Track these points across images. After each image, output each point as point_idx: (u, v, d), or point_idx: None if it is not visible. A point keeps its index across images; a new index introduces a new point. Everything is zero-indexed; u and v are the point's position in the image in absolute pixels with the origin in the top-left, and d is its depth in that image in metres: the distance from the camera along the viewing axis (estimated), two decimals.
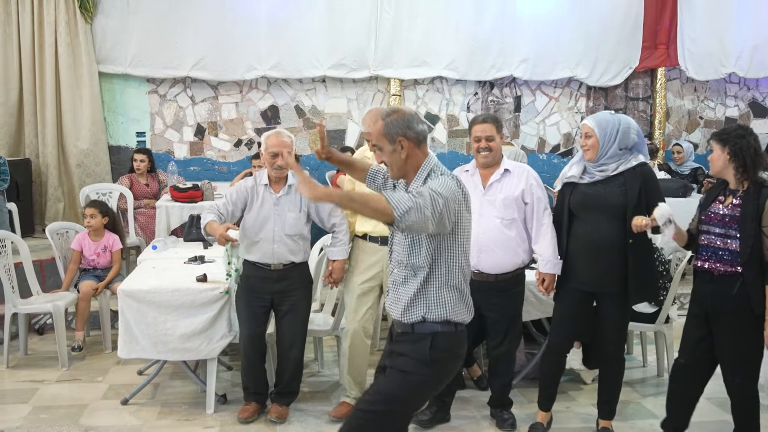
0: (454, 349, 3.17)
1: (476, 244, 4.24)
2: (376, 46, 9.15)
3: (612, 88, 9.94)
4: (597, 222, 4.23)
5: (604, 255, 4.21)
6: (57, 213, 8.65)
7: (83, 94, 8.64)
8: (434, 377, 3.14)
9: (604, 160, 4.23)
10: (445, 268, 3.10)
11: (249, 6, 8.88)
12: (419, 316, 3.10)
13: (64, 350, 5.68)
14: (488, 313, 4.51)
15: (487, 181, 4.47)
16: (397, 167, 3.13)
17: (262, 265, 4.65)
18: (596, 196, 4.24)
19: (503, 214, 4.40)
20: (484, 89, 9.68)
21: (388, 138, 3.09)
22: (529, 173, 4.49)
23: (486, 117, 4.48)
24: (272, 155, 4.56)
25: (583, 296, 4.36)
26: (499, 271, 4.43)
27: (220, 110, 9.21)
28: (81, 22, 8.54)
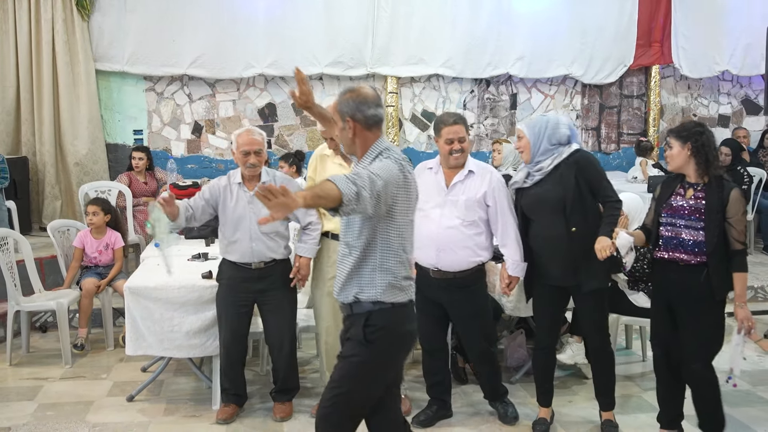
0: (391, 327, 3.17)
1: (436, 242, 4.35)
2: (373, 43, 9.19)
3: (607, 86, 10.02)
4: (546, 220, 4.32)
5: (558, 250, 4.30)
6: (54, 211, 8.65)
7: (80, 92, 8.64)
8: (376, 357, 3.16)
9: (537, 158, 4.33)
10: (379, 250, 3.12)
11: (246, 4, 8.92)
12: (353, 296, 3.16)
13: (67, 348, 5.69)
14: (452, 310, 4.54)
15: (450, 181, 4.43)
16: (345, 144, 3.21)
17: (242, 265, 4.60)
18: (539, 196, 4.33)
19: (464, 215, 4.39)
20: (480, 87, 9.74)
21: (339, 115, 3.15)
22: (492, 175, 4.46)
23: (456, 118, 4.40)
24: (244, 153, 4.54)
25: (554, 291, 4.44)
26: (458, 269, 4.43)
27: (217, 108, 9.23)
28: (78, 19, 8.54)
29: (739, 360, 4.10)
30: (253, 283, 4.59)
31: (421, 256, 4.44)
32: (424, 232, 4.36)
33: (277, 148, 9.33)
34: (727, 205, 3.94)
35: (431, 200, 4.42)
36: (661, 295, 4.24)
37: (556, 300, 4.49)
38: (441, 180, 4.46)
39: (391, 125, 9.34)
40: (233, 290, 4.61)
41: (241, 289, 4.60)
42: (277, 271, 4.67)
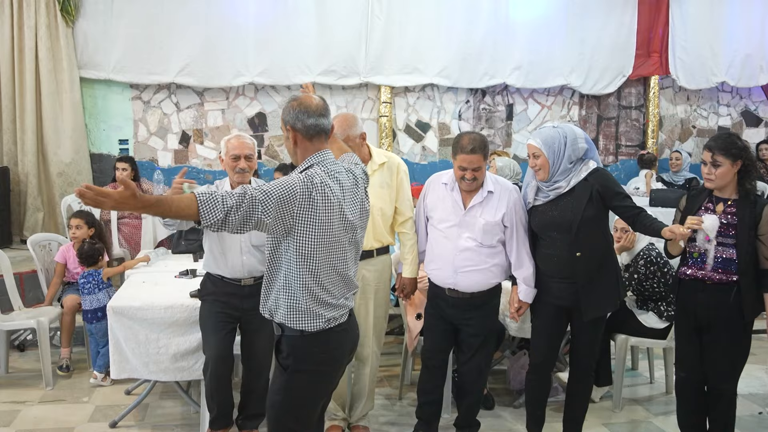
0: (300, 354, 3.02)
1: (453, 264, 4.19)
2: (366, 52, 8.95)
3: (605, 97, 9.83)
4: (554, 240, 4.14)
5: (563, 271, 4.12)
6: (36, 223, 8.33)
7: (64, 100, 8.34)
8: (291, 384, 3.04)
9: (556, 177, 4.12)
10: (284, 271, 2.98)
11: (237, 11, 8.64)
12: (267, 313, 3.09)
13: (48, 368, 5.39)
14: (463, 327, 4.35)
15: (468, 202, 4.22)
16: (289, 152, 3.13)
17: (231, 281, 4.30)
18: (549, 217, 4.15)
19: (483, 239, 4.19)
20: (476, 97, 9.52)
21: (282, 122, 3.08)
22: (511, 194, 4.23)
23: (474, 146, 4.06)
24: (234, 158, 4.30)
25: (557, 311, 4.24)
26: (476, 290, 4.26)
27: (205, 117, 8.95)
28: (62, 25, 8.24)
29: None
30: (242, 300, 4.28)
31: (438, 276, 4.31)
32: (440, 252, 4.28)
33: (267, 158, 9.07)
34: (760, 221, 3.80)
35: (448, 219, 4.27)
36: (687, 316, 4.06)
37: (557, 319, 4.29)
38: (458, 199, 4.25)
39: (385, 135, 9.10)
40: (219, 307, 4.29)
41: (228, 306, 4.28)
42: None
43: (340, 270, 3.05)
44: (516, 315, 4.32)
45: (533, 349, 4.44)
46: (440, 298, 4.33)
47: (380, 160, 4.41)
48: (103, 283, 5.49)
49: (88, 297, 5.43)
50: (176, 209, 2.73)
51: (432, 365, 4.46)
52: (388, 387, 5.57)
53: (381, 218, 4.42)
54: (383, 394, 5.42)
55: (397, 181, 4.46)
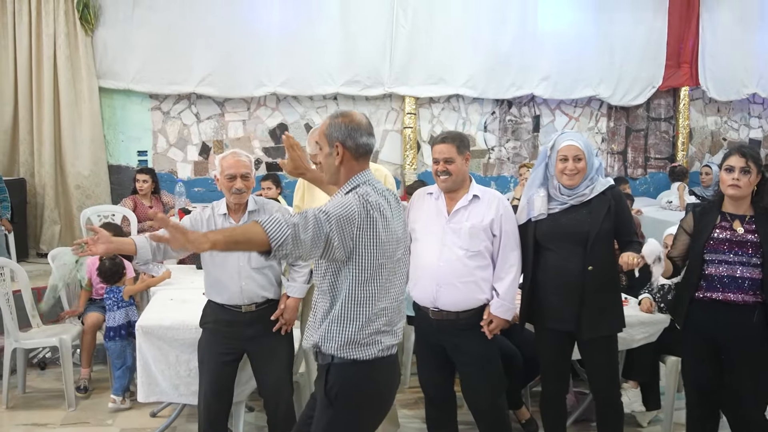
0: (352, 385, 2.86)
1: (435, 277, 3.82)
2: (391, 62, 8.76)
3: (634, 108, 9.62)
4: (564, 251, 3.86)
5: (569, 285, 3.84)
6: (53, 236, 8.15)
7: (83, 110, 8.16)
8: (342, 419, 2.85)
9: (583, 183, 3.86)
10: (341, 299, 2.82)
11: (259, 20, 8.47)
12: (312, 346, 2.92)
13: (71, 389, 5.14)
14: (456, 356, 3.98)
15: (452, 207, 3.91)
16: (328, 171, 2.91)
17: (230, 308, 3.96)
18: (567, 225, 3.86)
19: (468, 245, 3.84)
20: (501, 108, 9.30)
21: (328, 139, 2.88)
22: (500, 201, 3.94)
23: (445, 136, 3.91)
24: (229, 178, 3.91)
25: (560, 337, 3.96)
26: (461, 308, 3.87)
27: (226, 128, 8.76)
28: (81, 34, 8.08)
29: None
30: (243, 328, 3.95)
31: (418, 294, 3.95)
32: (421, 265, 3.92)
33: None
34: None
35: (430, 228, 3.92)
36: (701, 337, 3.85)
37: (561, 346, 4.01)
38: (442, 206, 3.94)
39: (409, 147, 8.88)
40: (218, 336, 3.97)
41: (228, 334, 3.95)
42: (270, 313, 4.04)
43: (395, 294, 2.92)
44: (488, 331, 3.89)
45: (542, 379, 4.18)
46: (426, 322, 3.97)
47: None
48: (123, 301, 5.20)
49: (109, 314, 5.19)
50: (243, 238, 2.53)
51: (435, 398, 4.14)
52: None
53: None
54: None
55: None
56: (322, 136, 2.90)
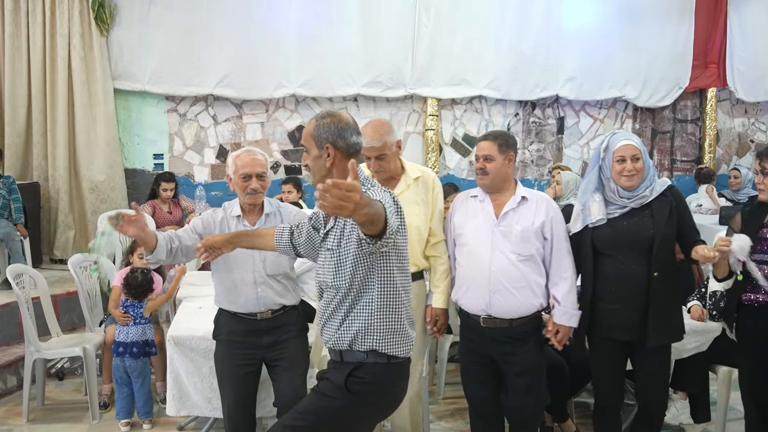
0: (380, 383, 2.83)
1: (487, 283, 3.66)
2: (413, 62, 8.53)
3: (660, 110, 9.39)
4: (627, 258, 3.67)
5: (633, 294, 3.65)
6: (67, 242, 7.93)
7: (97, 112, 7.94)
8: (352, 406, 2.82)
9: (643, 184, 3.68)
10: (376, 290, 2.77)
11: (278, 20, 8.24)
12: (345, 344, 2.82)
13: (95, 400, 4.94)
14: (505, 366, 3.79)
15: (500, 210, 3.73)
16: (319, 174, 2.85)
17: (245, 316, 3.74)
18: (629, 230, 3.67)
19: (520, 249, 3.66)
20: (525, 110, 9.08)
21: (316, 141, 2.83)
22: (549, 204, 3.77)
23: (488, 133, 3.83)
24: (244, 177, 3.72)
25: (617, 345, 3.77)
26: (515, 315, 3.69)
27: (244, 131, 8.53)
28: (96, 34, 7.86)
29: None
30: (260, 336, 3.74)
31: (469, 301, 3.77)
32: (470, 272, 3.74)
33: (308, 174, 8.61)
34: None
35: (478, 233, 3.74)
36: (757, 344, 3.70)
37: (618, 355, 3.81)
38: (489, 209, 3.76)
39: (431, 150, 8.65)
40: (235, 348, 3.73)
41: (246, 345, 3.73)
42: (289, 319, 3.83)
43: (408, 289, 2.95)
44: (557, 341, 3.74)
45: (596, 390, 3.97)
46: (475, 332, 3.78)
47: (414, 174, 3.92)
48: (142, 317, 4.90)
49: (122, 327, 4.81)
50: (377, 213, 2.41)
51: (485, 413, 3.93)
52: (460, 420, 5.09)
53: (417, 239, 3.89)
54: (456, 429, 4.96)
55: (433, 198, 3.96)
56: (309, 139, 2.85)
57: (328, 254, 2.82)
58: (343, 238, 2.76)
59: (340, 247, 2.78)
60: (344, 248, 2.76)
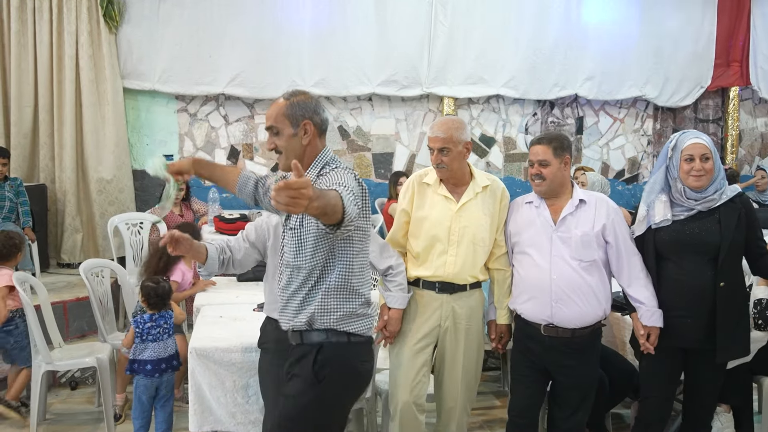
0: (344, 363, 2.85)
1: (549, 292, 3.53)
2: (429, 61, 8.31)
3: (681, 109, 9.16)
4: (691, 265, 3.49)
5: (698, 303, 3.46)
6: (75, 246, 7.70)
7: (106, 112, 7.71)
8: (324, 395, 2.81)
9: (712, 186, 3.48)
10: (337, 270, 2.80)
11: (292, 16, 8.02)
12: (303, 324, 2.83)
13: (110, 412, 4.71)
14: (560, 378, 3.64)
15: (558, 215, 3.59)
16: (294, 154, 2.80)
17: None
18: (694, 234, 3.49)
19: (582, 255, 3.52)
20: (543, 109, 8.86)
21: (291, 120, 2.81)
22: (609, 205, 3.62)
23: (542, 136, 3.65)
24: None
25: (675, 354, 3.59)
26: (579, 325, 3.54)
27: (256, 131, 8.30)
28: (105, 32, 7.63)
29: None
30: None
31: (531, 310, 3.61)
32: (532, 282, 3.59)
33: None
34: None
35: (537, 240, 3.60)
36: None
37: (675, 363, 3.63)
38: (546, 214, 3.61)
39: None
40: (279, 357, 3.39)
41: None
42: None
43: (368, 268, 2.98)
44: (649, 345, 3.54)
45: (645, 403, 3.76)
46: (533, 340, 3.63)
47: (483, 183, 3.75)
48: (174, 327, 4.55)
49: (153, 345, 4.36)
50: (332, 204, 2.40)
51: (524, 423, 3.75)
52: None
53: (481, 249, 3.73)
54: None
55: (500, 209, 3.79)
56: (282, 119, 2.81)
57: (291, 233, 2.81)
58: (305, 218, 2.74)
59: (302, 227, 2.76)
60: (306, 228, 2.75)
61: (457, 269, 3.68)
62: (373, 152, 8.50)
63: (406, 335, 3.77)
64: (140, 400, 4.26)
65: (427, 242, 3.70)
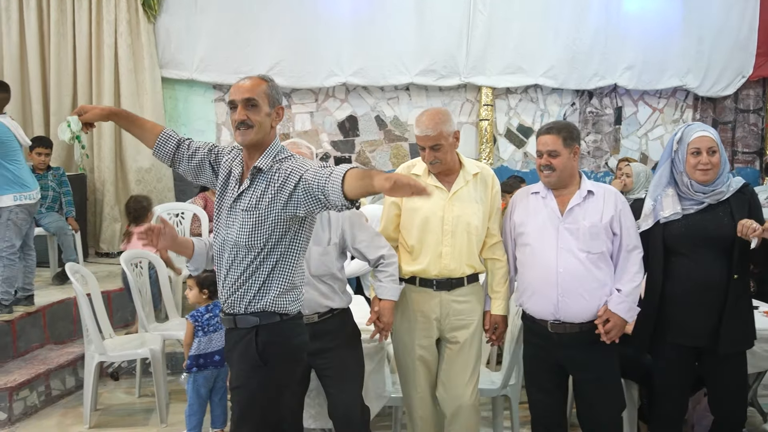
0: (284, 341, 2.87)
1: (555, 285, 3.41)
2: (468, 50, 8.23)
3: (721, 99, 9.01)
4: (704, 257, 3.41)
5: (709, 297, 3.39)
6: (113, 235, 7.72)
7: (145, 101, 7.72)
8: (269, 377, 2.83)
9: (720, 180, 3.43)
10: (282, 252, 2.82)
11: (331, 5, 7.99)
12: (243, 307, 2.84)
13: (163, 403, 4.73)
14: (576, 374, 3.54)
15: (565, 206, 3.48)
16: (263, 133, 2.85)
17: None
18: (704, 227, 3.42)
19: (589, 247, 3.40)
20: (582, 99, 8.75)
21: (269, 100, 2.89)
22: (617, 197, 3.50)
23: (551, 126, 3.53)
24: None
25: (688, 352, 3.51)
26: (586, 319, 3.42)
27: (293, 121, 8.28)
28: (143, 21, 7.64)
29: None
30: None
31: (535, 306, 3.51)
32: (535, 275, 3.49)
33: (358, 165, 8.37)
34: None
35: (542, 232, 3.49)
36: None
37: (687, 362, 3.55)
38: (553, 206, 3.50)
39: (485, 141, 8.37)
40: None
41: None
42: (336, 325, 3.59)
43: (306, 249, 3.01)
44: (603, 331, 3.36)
45: (659, 400, 3.67)
46: (540, 337, 3.53)
47: (473, 171, 3.66)
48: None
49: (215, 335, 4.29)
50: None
51: (549, 423, 3.64)
52: None
53: (476, 239, 3.65)
54: None
55: (492, 196, 3.71)
56: (263, 96, 2.86)
57: (244, 214, 2.81)
58: (263, 200, 2.77)
59: (258, 209, 2.78)
60: (264, 209, 2.77)
61: (453, 260, 3.60)
62: (410, 142, 8.44)
63: (410, 339, 3.69)
64: (199, 395, 4.24)
65: (420, 234, 3.62)
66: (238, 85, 2.91)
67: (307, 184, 2.65)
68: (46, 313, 5.60)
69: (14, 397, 4.79)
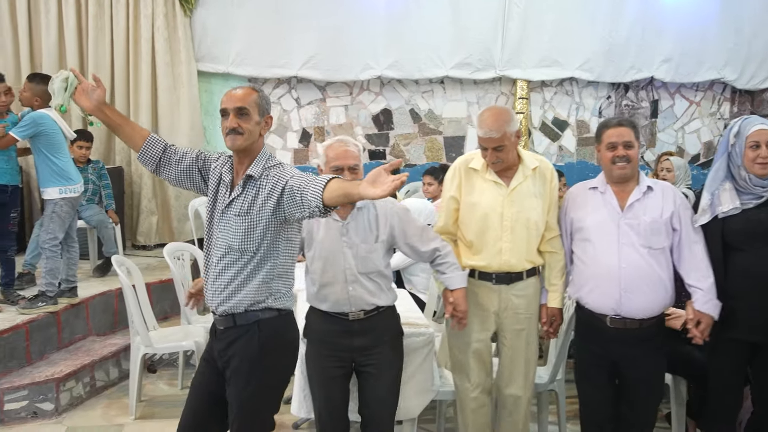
0: (282, 335, 3.02)
1: (618, 281, 3.37)
2: (503, 43, 8.20)
3: (759, 92, 8.93)
4: (765, 253, 3.35)
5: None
6: (150, 228, 7.78)
7: (181, 95, 7.76)
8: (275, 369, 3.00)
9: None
10: (279, 254, 2.94)
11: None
12: (244, 307, 2.93)
13: None
14: (628, 371, 3.48)
15: (625, 201, 3.43)
16: (252, 140, 2.94)
17: (336, 315, 3.46)
18: (764, 222, 3.35)
19: (651, 242, 3.36)
20: (617, 92, 8.70)
21: (259, 109, 2.96)
22: (675, 192, 3.48)
23: (621, 120, 3.50)
24: (335, 170, 3.38)
25: (747, 348, 3.46)
26: (647, 315, 3.40)
27: (327, 114, 8.29)
28: (180, 14, 7.67)
29: None
30: (351, 338, 3.46)
31: (596, 300, 3.47)
32: (597, 270, 3.45)
33: (393, 158, 8.37)
34: None
35: (603, 227, 3.45)
36: None
37: (745, 357, 3.50)
38: (613, 201, 3.46)
39: (520, 134, 8.31)
40: (326, 348, 3.47)
41: (337, 346, 3.46)
42: (382, 323, 3.53)
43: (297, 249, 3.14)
44: (697, 332, 3.36)
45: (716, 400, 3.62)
46: (598, 332, 3.48)
47: (532, 165, 3.62)
48: None
49: None
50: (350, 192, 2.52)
51: (601, 422, 3.60)
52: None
53: (535, 233, 3.63)
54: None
55: (550, 190, 3.67)
56: (254, 105, 2.93)
57: (238, 219, 2.88)
58: (255, 205, 2.85)
59: (250, 214, 2.86)
60: (256, 214, 2.85)
61: (513, 256, 3.60)
62: (444, 135, 8.43)
63: (466, 332, 3.68)
64: None
65: (479, 229, 3.61)
66: (230, 94, 2.98)
67: (291, 190, 2.73)
68: (88, 305, 5.65)
69: (61, 388, 4.84)
